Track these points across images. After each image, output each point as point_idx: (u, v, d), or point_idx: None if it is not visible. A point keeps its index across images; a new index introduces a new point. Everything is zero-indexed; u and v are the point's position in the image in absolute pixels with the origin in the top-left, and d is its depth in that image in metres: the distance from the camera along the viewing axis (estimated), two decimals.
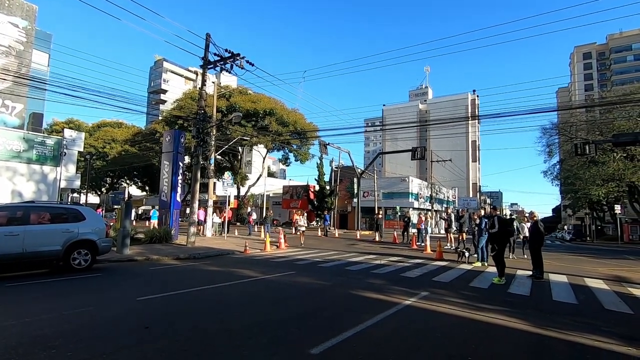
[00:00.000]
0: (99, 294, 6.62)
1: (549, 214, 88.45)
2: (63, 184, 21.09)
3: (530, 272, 9.04)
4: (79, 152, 24.78)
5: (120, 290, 6.92)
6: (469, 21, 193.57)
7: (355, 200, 35.07)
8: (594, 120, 33.46)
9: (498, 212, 8.85)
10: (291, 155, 40.31)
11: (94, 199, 52.51)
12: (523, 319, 5.15)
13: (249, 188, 41.47)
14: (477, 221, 11.60)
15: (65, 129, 26.29)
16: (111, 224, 16.23)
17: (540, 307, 6.08)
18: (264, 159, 41.39)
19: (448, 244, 16.72)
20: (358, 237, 24.04)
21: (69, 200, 27.46)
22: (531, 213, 9.84)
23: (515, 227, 12.65)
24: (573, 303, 6.45)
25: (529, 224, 11.56)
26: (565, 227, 59.59)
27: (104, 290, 7.00)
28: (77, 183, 24.62)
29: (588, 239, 40.92)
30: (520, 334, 4.58)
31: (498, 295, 6.85)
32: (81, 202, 39.25)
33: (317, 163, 39.00)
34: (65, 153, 20.64)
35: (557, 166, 41.51)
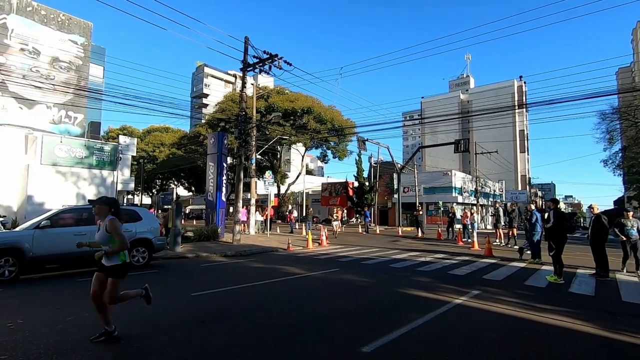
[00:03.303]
0: (158, 289, 7.03)
1: (610, 206, 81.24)
2: (119, 187, 22.74)
3: (593, 271, 8.37)
4: (132, 156, 26.60)
5: (176, 286, 7.34)
6: (514, 3, 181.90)
7: (395, 196, 34.45)
8: None
9: (557, 206, 8.18)
10: (329, 152, 40.39)
11: (146, 199, 56.11)
12: (588, 321, 4.77)
13: (289, 186, 42.18)
14: (528, 215, 10.93)
15: (120, 136, 28.34)
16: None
17: (608, 308, 5.60)
18: (302, 157, 41.89)
19: (497, 240, 15.96)
20: (400, 233, 23.60)
21: (125, 202, 29.57)
22: (591, 206, 9.05)
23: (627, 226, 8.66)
24: None
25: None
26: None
27: (162, 285, 7.45)
28: (132, 185, 26.41)
29: None
30: (586, 337, 4.25)
31: (558, 295, 6.41)
32: (136, 203, 42.17)
33: (355, 159, 38.83)
34: (120, 158, 22.22)
35: (620, 154, 37.87)
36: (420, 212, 22.87)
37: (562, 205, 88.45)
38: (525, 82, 64.79)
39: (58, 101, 22.70)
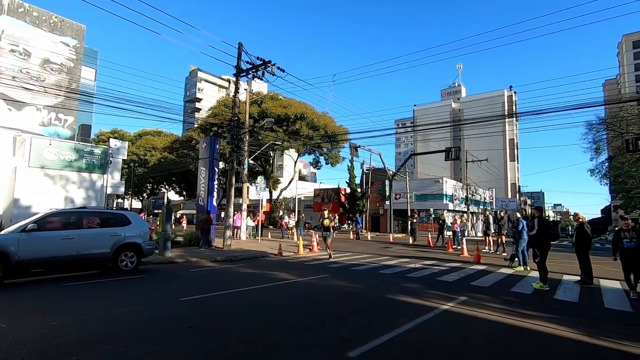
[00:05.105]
0: (146, 294, 7.01)
1: (598, 214, 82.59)
2: (109, 190, 22.47)
3: (578, 277, 8.53)
4: (123, 160, 26.35)
5: (165, 291, 7.28)
6: (505, 15, 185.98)
7: (387, 202, 34.61)
8: None
9: (541, 214, 8.38)
10: (322, 158, 40.50)
11: (136, 204, 55.43)
12: (572, 327, 4.88)
13: (281, 192, 42.13)
14: (515, 223, 11.11)
15: (110, 139, 28.09)
16: (152, 227, 17.06)
17: (591, 314, 5.73)
18: (295, 162, 41.88)
19: (486, 247, 16.13)
20: (391, 239, 23.70)
21: (115, 206, 29.18)
22: (576, 215, 9.25)
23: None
24: (628, 311, 6.02)
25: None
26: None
27: (150, 290, 7.39)
28: (122, 189, 26.14)
29: None
30: (570, 342, 4.34)
31: (543, 302, 6.52)
32: (125, 207, 41.68)
33: (347, 166, 38.98)
34: (111, 161, 22.00)
35: (606, 164, 38.67)
36: (416, 220, 23.00)
37: (550, 214, 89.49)
38: (515, 92, 66.02)
39: (48, 103, 22.46)
